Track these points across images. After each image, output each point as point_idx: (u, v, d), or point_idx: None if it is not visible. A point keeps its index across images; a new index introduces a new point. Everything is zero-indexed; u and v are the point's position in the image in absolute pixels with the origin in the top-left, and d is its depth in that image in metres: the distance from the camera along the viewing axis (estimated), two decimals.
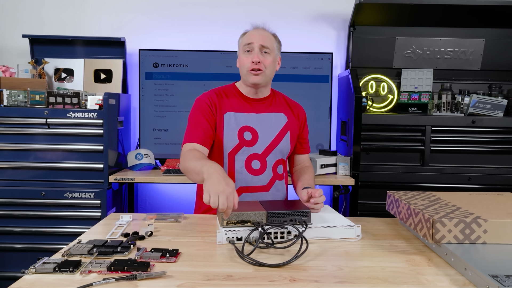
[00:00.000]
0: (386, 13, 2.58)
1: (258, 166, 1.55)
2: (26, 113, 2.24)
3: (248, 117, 1.57)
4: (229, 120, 1.54)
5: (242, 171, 1.54)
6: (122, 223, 1.34)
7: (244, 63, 1.53)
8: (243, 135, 1.54)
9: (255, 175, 1.55)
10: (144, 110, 2.66)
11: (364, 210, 2.33)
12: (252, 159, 1.55)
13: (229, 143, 1.53)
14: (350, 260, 1.05)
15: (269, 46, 1.53)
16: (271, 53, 1.53)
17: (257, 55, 1.50)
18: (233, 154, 1.54)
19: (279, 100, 1.66)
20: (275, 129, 1.59)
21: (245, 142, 1.54)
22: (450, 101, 2.38)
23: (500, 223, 1.05)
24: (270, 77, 1.57)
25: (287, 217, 1.19)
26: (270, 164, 1.57)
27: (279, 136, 1.59)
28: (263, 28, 1.59)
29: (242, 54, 1.55)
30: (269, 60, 1.53)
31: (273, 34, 1.60)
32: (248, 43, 1.52)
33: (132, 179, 2.27)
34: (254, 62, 1.50)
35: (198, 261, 1.03)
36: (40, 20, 2.81)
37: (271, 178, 1.58)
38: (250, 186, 1.55)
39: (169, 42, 2.80)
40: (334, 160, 2.39)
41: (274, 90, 1.70)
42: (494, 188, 2.30)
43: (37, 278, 0.92)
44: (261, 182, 1.56)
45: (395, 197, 1.36)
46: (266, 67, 1.52)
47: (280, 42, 1.63)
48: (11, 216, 2.25)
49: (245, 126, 1.55)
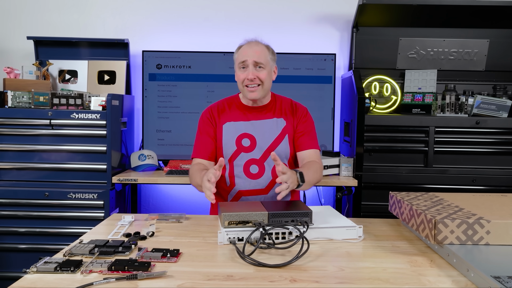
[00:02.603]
0: (389, 13, 2.58)
1: (257, 170, 1.61)
2: (30, 114, 2.25)
3: (247, 125, 1.64)
4: (228, 129, 1.63)
5: (241, 175, 1.61)
6: (124, 223, 1.34)
7: (240, 79, 1.59)
8: (241, 142, 1.62)
9: (254, 179, 1.60)
10: (148, 111, 2.67)
11: (367, 211, 2.32)
12: (250, 164, 1.61)
13: (228, 150, 1.62)
14: (351, 261, 1.05)
15: (263, 61, 1.57)
16: (265, 67, 1.58)
17: (252, 72, 1.56)
18: (232, 160, 1.62)
19: (280, 105, 1.69)
20: (273, 134, 1.63)
21: (243, 148, 1.61)
22: (454, 102, 2.37)
23: (503, 224, 1.04)
24: (267, 89, 1.63)
25: (289, 217, 1.18)
26: (268, 168, 1.61)
27: (277, 140, 1.62)
28: (256, 42, 1.62)
29: (238, 70, 1.61)
30: (264, 74, 1.57)
31: (266, 46, 1.63)
32: (242, 61, 1.57)
33: (135, 180, 2.28)
34: (249, 79, 1.56)
35: (199, 261, 1.03)
36: (44, 22, 2.83)
37: (270, 181, 1.61)
38: (249, 190, 1.61)
39: (173, 44, 2.81)
40: (337, 161, 2.38)
41: (276, 95, 1.72)
42: (498, 190, 2.28)
43: (38, 277, 0.92)
44: (260, 186, 1.61)
45: (397, 198, 1.35)
46: (262, 81, 1.57)
47: (274, 53, 1.66)
48: (15, 216, 2.27)
49: (244, 133, 1.62)
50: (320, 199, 2.83)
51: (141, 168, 2.43)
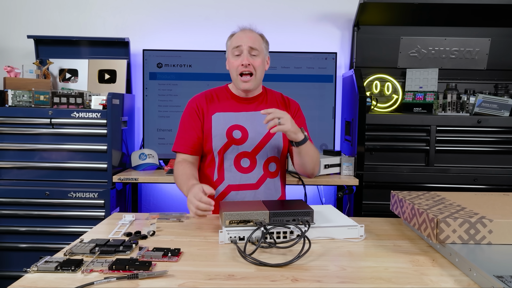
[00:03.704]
0: (390, 12, 2.57)
1: (248, 164, 1.56)
2: (31, 113, 2.25)
3: (238, 116, 1.57)
4: (217, 120, 1.56)
5: (231, 169, 1.55)
6: (125, 222, 1.34)
7: (234, 66, 1.53)
8: (232, 134, 1.55)
9: (244, 173, 1.55)
10: (148, 110, 2.67)
11: (368, 210, 2.32)
12: (241, 157, 1.55)
13: (218, 142, 1.55)
14: (353, 260, 1.04)
15: (258, 47, 1.53)
16: (259, 54, 1.53)
17: (247, 57, 1.51)
18: (222, 153, 1.55)
19: (272, 98, 1.65)
20: (266, 126, 1.57)
21: (234, 141, 1.55)
22: (455, 101, 2.36)
23: (505, 223, 1.04)
24: (260, 79, 1.58)
25: (290, 216, 1.18)
26: (260, 162, 1.56)
27: (270, 133, 1.56)
28: (250, 29, 1.58)
29: (232, 57, 1.54)
30: (258, 61, 1.53)
31: (260, 35, 1.59)
32: (236, 46, 1.52)
33: (136, 179, 2.27)
34: (243, 65, 1.50)
35: (200, 260, 1.03)
36: (45, 21, 2.83)
37: (261, 176, 1.57)
38: (239, 184, 1.55)
39: (173, 43, 2.81)
40: (338, 160, 2.37)
41: (267, 88, 1.68)
42: (500, 189, 2.27)
43: (39, 276, 0.92)
44: (250, 180, 1.56)
45: (399, 197, 1.34)
46: (256, 70, 1.53)
47: (267, 42, 1.62)
48: (15, 215, 2.26)
49: (235, 125, 1.56)
50: (321, 198, 2.83)
51: (142, 167, 2.43)
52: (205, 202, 1.22)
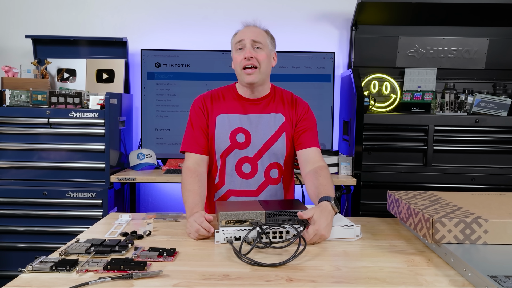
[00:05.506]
0: (388, 12, 2.57)
1: (249, 169, 1.52)
2: (29, 113, 2.25)
3: (243, 119, 1.52)
4: (222, 122, 1.52)
5: (232, 173, 1.52)
6: (121, 222, 1.34)
7: (237, 60, 1.48)
8: (235, 137, 1.51)
9: (245, 178, 1.52)
10: (146, 110, 2.67)
11: (366, 210, 2.31)
12: (243, 162, 1.51)
13: (221, 145, 1.51)
14: (348, 260, 1.04)
15: (261, 41, 1.47)
16: (264, 48, 1.48)
17: (249, 50, 1.45)
18: (224, 156, 1.52)
19: (279, 99, 1.57)
20: (270, 130, 1.52)
21: (237, 145, 1.51)
22: (453, 101, 2.36)
23: (501, 223, 1.04)
24: (266, 74, 1.50)
25: (286, 216, 1.18)
26: (261, 168, 1.52)
27: (273, 138, 1.52)
28: (254, 25, 1.54)
29: (235, 52, 1.50)
30: (262, 55, 1.46)
31: (265, 30, 1.54)
32: (239, 41, 1.48)
33: (134, 178, 2.27)
34: (246, 58, 1.45)
35: (195, 260, 1.03)
36: (43, 21, 2.82)
37: (262, 182, 1.52)
38: (240, 190, 1.52)
39: (171, 42, 2.80)
40: (336, 160, 2.37)
41: (276, 88, 1.61)
42: (498, 188, 2.27)
43: (34, 276, 0.92)
44: (251, 186, 1.52)
45: (395, 197, 1.34)
46: (260, 63, 1.46)
47: (273, 38, 1.57)
48: (13, 215, 2.26)
49: (239, 128, 1.51)
50: None
51: (140, 167, 2.43)
52: (205, 227, 1.19)
